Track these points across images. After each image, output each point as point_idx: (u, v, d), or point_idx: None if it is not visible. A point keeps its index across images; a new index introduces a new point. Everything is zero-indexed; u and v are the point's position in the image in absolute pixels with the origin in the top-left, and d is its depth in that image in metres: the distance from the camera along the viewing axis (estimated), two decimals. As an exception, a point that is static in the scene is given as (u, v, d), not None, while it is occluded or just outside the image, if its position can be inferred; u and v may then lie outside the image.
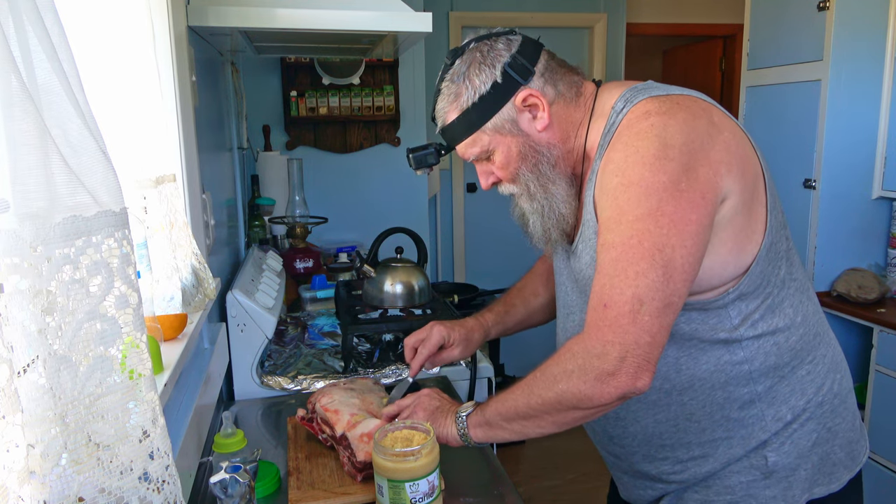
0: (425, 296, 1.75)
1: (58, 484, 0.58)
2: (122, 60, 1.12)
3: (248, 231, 2.50)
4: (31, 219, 0.55)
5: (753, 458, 1.00)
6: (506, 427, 0.97)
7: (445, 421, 1.05)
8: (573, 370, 0.87)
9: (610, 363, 0.84)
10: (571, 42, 3.98)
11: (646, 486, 1.10)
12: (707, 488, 1.03)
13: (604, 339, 0.85)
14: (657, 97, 0.92)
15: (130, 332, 0.63)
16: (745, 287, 0.95)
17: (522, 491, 1.17)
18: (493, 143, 1.00)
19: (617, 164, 0.89)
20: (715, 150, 0.88)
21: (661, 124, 0.88)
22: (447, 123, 1.01)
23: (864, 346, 2.45)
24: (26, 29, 0.55)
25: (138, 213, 1.08)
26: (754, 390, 0.98)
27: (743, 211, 0.92)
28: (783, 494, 1.00)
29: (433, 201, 3.78)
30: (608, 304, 0.85)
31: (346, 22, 1.55)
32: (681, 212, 0.84)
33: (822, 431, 1.01)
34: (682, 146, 0.86)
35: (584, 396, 0.87)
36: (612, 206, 0.88)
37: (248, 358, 1.57)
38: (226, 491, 0.94)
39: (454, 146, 1.03)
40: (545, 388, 0.90)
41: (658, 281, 0.84)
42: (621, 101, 0.96)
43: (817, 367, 1.02)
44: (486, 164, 1.04)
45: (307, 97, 3.06)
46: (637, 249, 0.84)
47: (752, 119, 2.75)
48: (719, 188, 0.88)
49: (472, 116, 0.98)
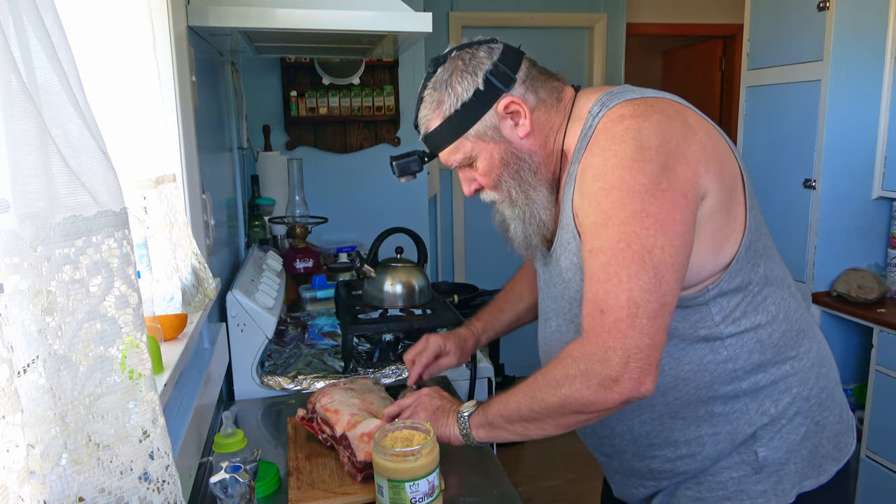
0: (425, 296, 1.75)
1: (58, 484, 0.58)
2: (122, 60, 1.12)
3: (248, 231, 2.50)
4: (31, 219, 0.55)
5: (744, 454, 1.01)
6: (508, 428, 0.98)
7: (447, 421, 1.05)
8: (576, 375, 0.87)
9: (613, 369, 0.85)
10: (571, 42, 3.98)
11: (637, 483, 1.11)
12: (699, 484, 1.04)
13: (605, 344, 0.85)
14: (631, 101, 0.94)
15: (130, 332, 0.63)
16: (726, 284, 0.96)
17: (522, 491, 1.17)
18: (476, 149, 1.01)
19: (596, 168, 0.90)
20: (691, 149, 0.90)
21: (636, 127, 0.89)
22: (430, 131, 1.02)
23: (864, 346, 2.45)
24: (26, 29, 0.55)
25: (138, 213, 1.08)
26: (738, 387, 1.00)
27: (721, 210, 0.93)
28: (774, 489, 1.00)
29: (433, 201, 3.78)
30: (605, 310, 0.86)
31: (346, 22, 1.55)
32: (665, 212, 0.86)
33: (811, 425, 1.02)
34: (659, 147, 0.87)
35: (587, 402, 0.87)
36: (596, 211, 0.89)
37: (248, 358, 1.57)
38: (226, 491, 0.94)
39: (437, 153, 1.04)
40: (548, 392, 0.91)
41: (651, 282, 0.84)
42: (597, 106, 0.97)
43: (801, 362, 1.03)
44: (468, 170, 1.05)
45: (307, 97, 3.06)
46: (626, 253, 0.85)
47: (752, 119, 2.76)
48: (699, 187, 0.89)
49: (455, 123, 0.99)
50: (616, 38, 3.97)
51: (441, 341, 1.30)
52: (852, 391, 2.47)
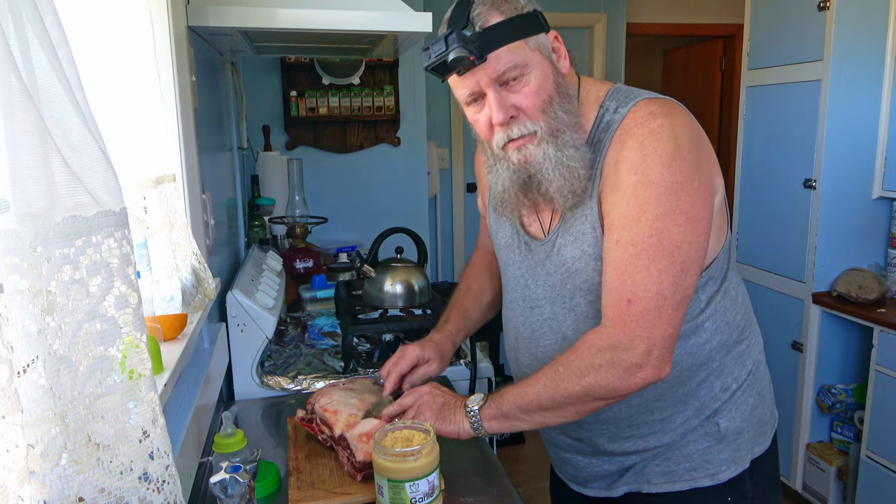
0: (425, 296, 1.75)
1: (58, 484, 0.58)
2: (122, 60, 1.12)
3: (248, 231, 2.50)
4: (31, 219, 0.55)
5: (707, 427, 1.08)
6: (524, 418, 1.00)
7: (454, 417, 1.05)
8: (601, 364, 0.92)
9: (637, 356, 0.90)
10: (571, 42, 3.98)
11: (603, 461, 1.15)
12: (668, 459, 1.09)
13: (631, 333, 0.90)
14: (655, 98, 0.97)
15: (130, 332, 0.63)
16: (714, 271, 1.03)
17: (522, 491, 1.17)
18: (534, 60, 0.93)
19: (634, 162, 0.92)
20: (707, 149, 0.96)
21: (670, 125, 0.92)
22: (487, 25, 0.91)
23: (864, 346, 2.45)
24: (26, 29, 0.55)
25: (138, 213, 1.08)
26: (710, 367, 1.06)
27: (722, 206, 1.00)
28: (733, 456, 1.08)
29: (433, 201, 3.78)
30: (632, 300, 0.90)
31: (346, 22, 1.55)
32: (696, 210, 0.91)
33: (756, 396, 1.11)
34: (690, 145, 0.92)
35: (611, 388, 0.92)
36: (631, 204, 0.92)
37: (248, 358, 1.57)
38: (226, 491, 0.94)
39: (491, 50, 0.91)
40: (572, 382, 0.94)
41: (678, 276, 0.90)
42: (611, 101, 0.99)
43: (751, 339, 1.11)
44: (505, 92, 0.94)
45: (307, 97, 3.06)
46: (657, 248, 0.89)
47: (752, 119, 2.75)
48: (715, 185, 0.96)
49: (518, 25, 0.92)
50: (616, 38, 3.97)
51: (418, 350, 1.26)
52: (852, 391, 2.47)
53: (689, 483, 1.08)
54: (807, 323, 2.50)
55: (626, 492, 1.13)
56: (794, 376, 2.56)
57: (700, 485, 1.07)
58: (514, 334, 1.16)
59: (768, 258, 2.69)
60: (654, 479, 1.09)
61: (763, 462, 1.11)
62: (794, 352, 2.56)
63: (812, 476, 2.57)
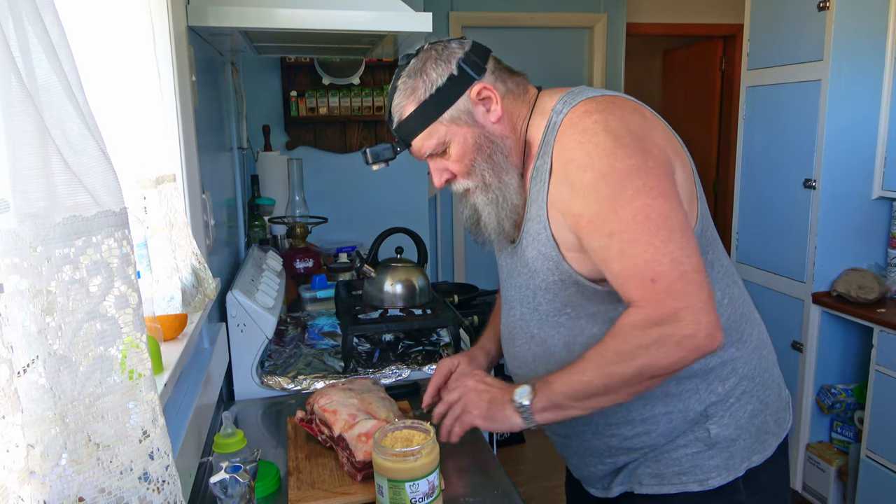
0: (425, 296, 1.75)
1: (58, 484, 0.58)
2: (122, 60, 1.12)
3: (248, 231, 2.50)
4: (31, 219, 0.55)
5: (697, 432, 1.06)
6: (577, 406, 0.99)
7: (503, 412, 1.03)
8: (650, 344, 0.90)
9: (688, 327, 0.88)
10: (571, 42, 3.98)
11: (595, 461, 1.15)
12: (657, 461, 1.09)
13: (672, 307, 0.88)
14: (594, 98, 0.99)
15: (130, 332, 0.63)
16: None
17: (522, 491, 1.17)
18: (450, 134, 1.03)
19: (581, 161, 0.94)
20: (656, 134, 0.97)
21: (604, 120, 0.94)
22: (404, 118, 1.04)
23: (864, 346, 2.45)
24: (26, 29, 0.55)
25: (138, 213, 1.08)
26: (690, 368, 1.03)
27: (684, 196, 0.98)
28: (725, 463, 1.06)
29: (433, 201, 3.78)
30: (655, 278, 0.89)
31: (346, 22, 1.55)
32: (662, 185, 0.91)
33: (756, 403, 1.09)
34: (630, 135, 0.93)
35: (665, 365, 0.90)
36: (597, 199, 0.92)
37: (248, 358, 1.57)
38: (226, 491, 0.94)
39: (411, 139, 1.05)
40: (623, 366, 0.92)
41: (682, 241, 0.89)
42: (560, 104, 1.02)
43: (745, 345, 1.08)
44: (439, 160, 1.07)
45: (307, 97, 3.06)
46: (647, 224, 0.89)
47: (752, 119, 2.75)
48: (671, 165, 0.96)
49: (430, 108, 1.02)
50: (616, 38, 3.97)
51: (448, 361, 1.28)
52: (852, 391, 2.47)
53: (677, 487, 1.07)
54: (807, 323, 2.50)
55: (621, 492, 1.13)
56: (794, 376, 2.56)
57: (689, 489, 1.06)
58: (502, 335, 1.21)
59: (768, 258, 2.69)
60: (645, 479, 1.09)
61: (762, 471, 1.09)
62: (794, 352, 2.56)
63: (812, 476, 2.57)
